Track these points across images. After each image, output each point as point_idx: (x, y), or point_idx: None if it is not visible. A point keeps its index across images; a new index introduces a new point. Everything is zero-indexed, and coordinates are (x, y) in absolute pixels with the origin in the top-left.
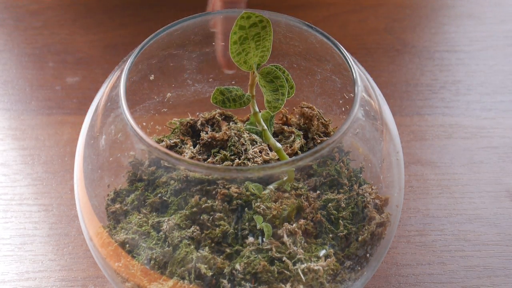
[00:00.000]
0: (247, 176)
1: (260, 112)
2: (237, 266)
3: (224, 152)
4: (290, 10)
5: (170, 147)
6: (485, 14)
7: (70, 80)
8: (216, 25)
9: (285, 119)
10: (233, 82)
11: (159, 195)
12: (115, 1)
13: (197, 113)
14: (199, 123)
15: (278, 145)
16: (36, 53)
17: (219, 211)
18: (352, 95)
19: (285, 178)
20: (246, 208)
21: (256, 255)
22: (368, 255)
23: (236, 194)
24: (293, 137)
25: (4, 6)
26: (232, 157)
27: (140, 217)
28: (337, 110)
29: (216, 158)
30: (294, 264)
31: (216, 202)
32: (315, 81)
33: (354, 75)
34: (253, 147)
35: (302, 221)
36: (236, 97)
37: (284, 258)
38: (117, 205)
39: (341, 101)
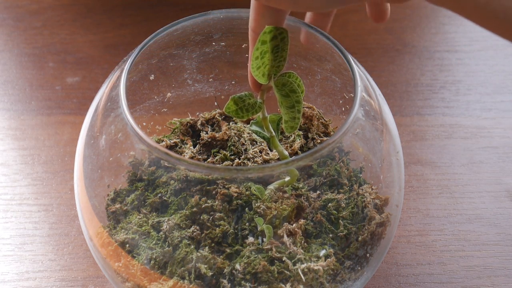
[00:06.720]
0: (247, 176)
1: (268, 115)
2: (237, 266)
3: (224, 152)
4: None
5: (170, 147)
6: None
7: (70, 80)
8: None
9: None
10: (233, 82)
11: (159, 195)
12: (115, 1)
13: (197, 113)
14: (199, 123)
15: (286, 153)
16: (36, 53)
17: (219, 211)
18: (352, 95)
19: (287, 179)
20: (246, 208)
21: (256, 255)
22: (368, 255)
23: (236, 194)
24: (293, 137)
25: (4, 6)
26: (232, 157)
27: (140, 217)
28: (337, 110)
29: (216, 158)
30: (294, 264)
31: (216, 202)
32: (315, 81)
33: (354, 75)
34: (253, 147)
35: (302, 221)
36: (249, 106)
37: (284, 258)
38: (117, 205)
39: (341, 101)
